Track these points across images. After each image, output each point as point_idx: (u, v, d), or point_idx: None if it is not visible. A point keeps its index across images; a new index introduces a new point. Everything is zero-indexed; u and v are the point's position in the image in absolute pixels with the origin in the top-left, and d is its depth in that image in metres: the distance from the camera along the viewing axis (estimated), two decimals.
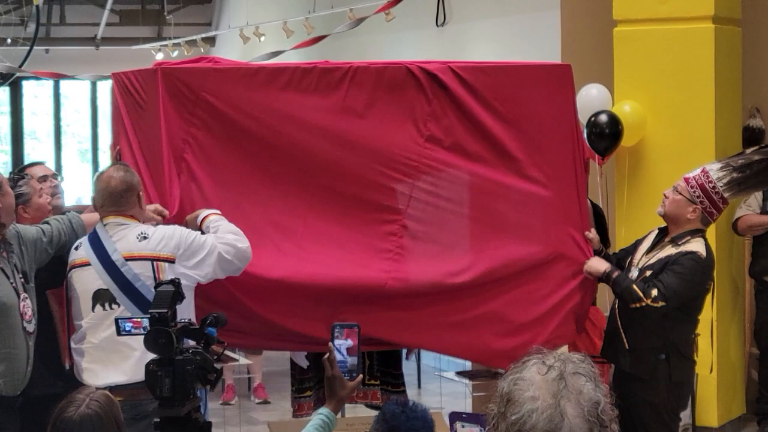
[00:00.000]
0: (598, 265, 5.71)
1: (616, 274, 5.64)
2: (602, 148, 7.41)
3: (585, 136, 7.39)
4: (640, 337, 5.63)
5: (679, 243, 5.63)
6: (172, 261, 4.94)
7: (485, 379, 6.45)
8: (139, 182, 5.12)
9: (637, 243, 5.95)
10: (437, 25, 10.64)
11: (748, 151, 5.90)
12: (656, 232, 5.84)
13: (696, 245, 5.62)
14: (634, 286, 5.53)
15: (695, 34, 7.39)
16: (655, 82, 7.50)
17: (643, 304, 5.49)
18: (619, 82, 7.64)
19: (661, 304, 5.47)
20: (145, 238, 4.97)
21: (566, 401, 2.15)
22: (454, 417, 5.98)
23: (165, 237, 4.99)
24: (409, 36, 11.04)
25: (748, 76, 7.82)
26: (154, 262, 4.93)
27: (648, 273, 5.63)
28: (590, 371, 2.18)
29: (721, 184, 5.65)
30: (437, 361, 9.45)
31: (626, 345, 5.65)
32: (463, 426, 5.94)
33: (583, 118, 7.49)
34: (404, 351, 6.55)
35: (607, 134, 7.45)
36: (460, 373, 6.88)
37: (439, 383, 8.31)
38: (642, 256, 5.79)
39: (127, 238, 4.98)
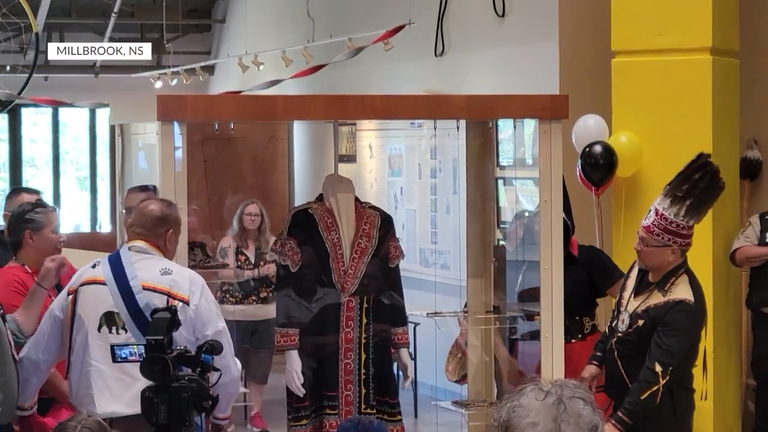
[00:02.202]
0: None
1: (624, 415, 5.46)
2: (597, 179, 7.41)
3: (580, 167, 7.41)
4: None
5: (665, 288, 5.61)
6: (186, 302, 4.89)
7: (481, 409, 6.43)
8: (177, 220, 5.06)
9: (623, 280, 5.96)
10: (436, 55, 10.65)
11: (683, 169, 5.87)
12: (638, 267, 5.81)
13: (683, 290, 5.59)
14: (644, 397, 5.43)
15: (693, 66, 7.41)
16: (653, 113, 7.51)
17: (661, 386, 5.43)
18: (618, 112, 7.65)
19: (670, 369, 5.45)
20: (167, 273, 4.93)
21: (566, 425, 2.16)
22: None
23: (187, 277, 4.96)
24: (407, 66, 11.06)
25: (745, 107, 7.83)
26: (170, 299, 4.86)
27: (640, 322, 5.59)
28: (587, 395, 2.19)
29: (680, 218, 5.63)
30: (434, 391, 9.43)
31: (629, 384, 5.57)
32: None
33: (579, 148, 7.50)
34: (401, 380, 6.54)
35: (601, 165, 7.44)
36: (456, 403, 6.85)
37: (436, 413, 8.28)
38: (630, 297, 5.75)
39: (151, 268, 4.93)
